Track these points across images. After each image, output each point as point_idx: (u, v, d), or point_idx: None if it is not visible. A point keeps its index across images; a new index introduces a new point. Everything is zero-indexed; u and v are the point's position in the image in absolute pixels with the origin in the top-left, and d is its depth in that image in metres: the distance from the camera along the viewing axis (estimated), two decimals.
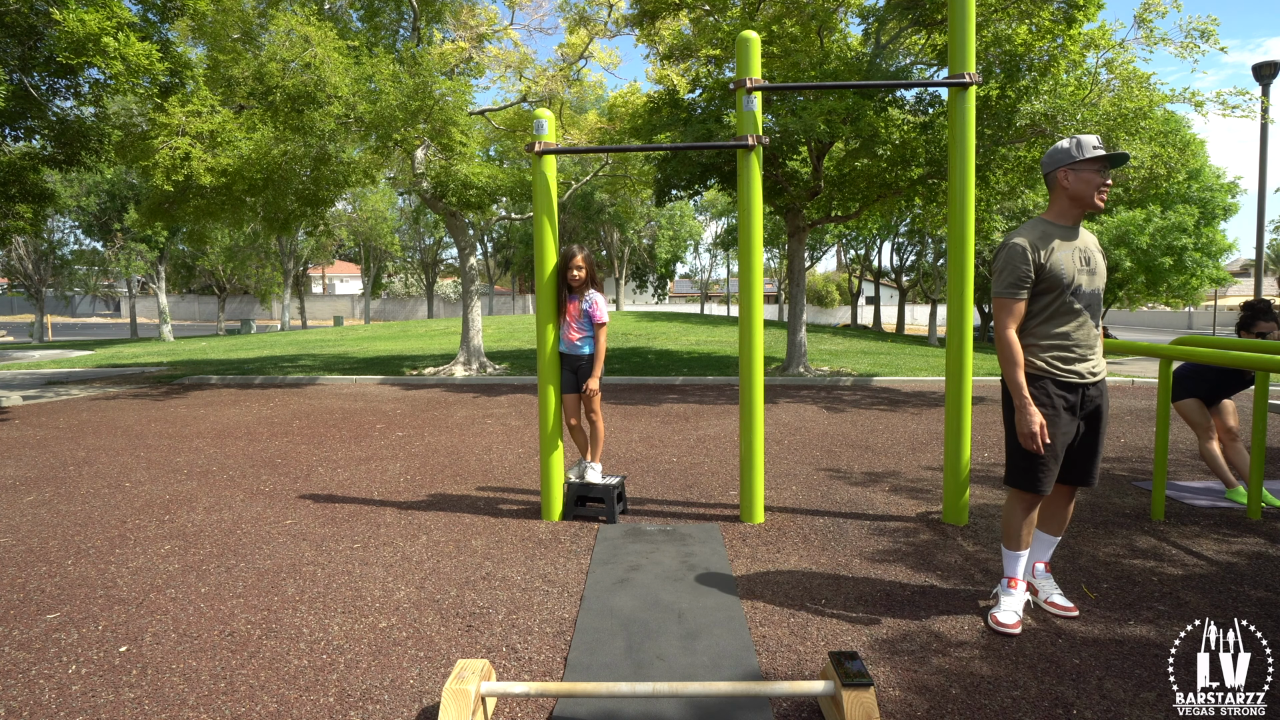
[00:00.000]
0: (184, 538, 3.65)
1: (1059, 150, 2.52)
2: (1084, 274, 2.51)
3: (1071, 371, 2.51)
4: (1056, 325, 2.52)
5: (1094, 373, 2.54)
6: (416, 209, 34.84)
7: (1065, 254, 2.49)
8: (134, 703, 2.17)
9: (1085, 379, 2.52)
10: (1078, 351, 2.52)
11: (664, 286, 45.70)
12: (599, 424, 4.12)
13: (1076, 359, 2.52)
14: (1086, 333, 2.53)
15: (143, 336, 29.05)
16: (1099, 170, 2.46)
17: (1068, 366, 2.51)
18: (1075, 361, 2.52)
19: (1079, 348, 2.52)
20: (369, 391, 9.58)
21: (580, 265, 3.98)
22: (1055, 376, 2.52)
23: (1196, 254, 19.05)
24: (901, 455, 5.50)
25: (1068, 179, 2.50)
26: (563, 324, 4.05)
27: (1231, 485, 4.16)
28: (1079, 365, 2.52)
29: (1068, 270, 2.48)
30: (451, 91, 9.33)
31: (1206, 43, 8.47)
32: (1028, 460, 2.57)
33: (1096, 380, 2.55)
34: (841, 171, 10.50)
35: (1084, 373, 2.52)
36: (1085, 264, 2.52)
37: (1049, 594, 2.73)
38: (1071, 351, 2.51)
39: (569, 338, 4.05)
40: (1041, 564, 2.80)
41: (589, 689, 1.98)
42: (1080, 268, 2.50)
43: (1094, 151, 2.46)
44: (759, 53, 3.74)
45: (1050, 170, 2.55)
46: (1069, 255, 2.50)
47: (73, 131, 8.31)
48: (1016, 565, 2.66)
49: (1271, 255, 45.34)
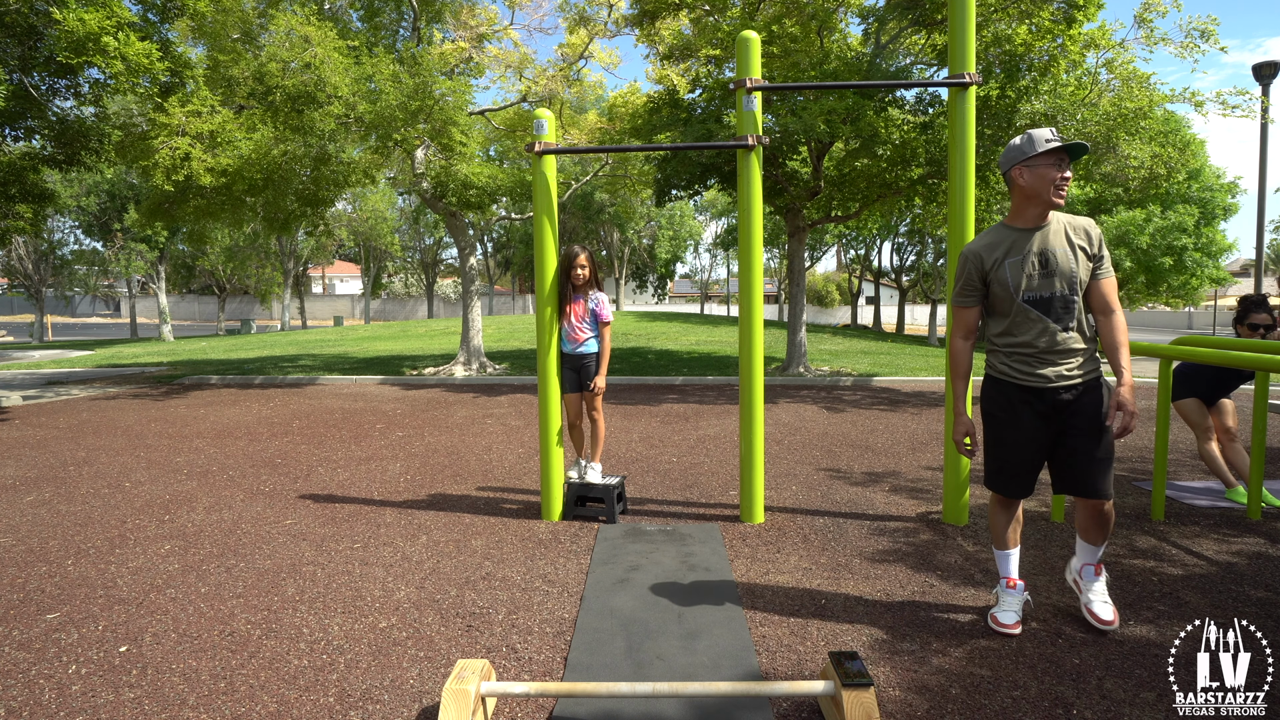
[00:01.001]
0: (184, 538, 3.65)
1: (1012, 147, 2.44)
2: (1038, 277, 2.41)
3: (1036, 375, 2.44)
4: (1015, 333, 2.47)
5: (1065, 376, 2.42)
6: (416, 209, 34.85)
7: (1015, 260, 2.43)
8: (134, 703, 2.17)
9: (1053, 382, 2.43)
10: (1044, 356, 2.43)
11: (664, 286, 45.69)
12: (600, 424, 4.12)
13: (1041, 364, 2.44)
14: (1050, 338, 2.42)
15: (143, 336, 29.06)
16: (1055, 164, 2.36)
17: (1031, 370, 2.45)
18: (1041, 366, 2.44)
19: (1046, 353, 2.43)
20: (369, 391, 9.58)
21: (584, 264, 3.98)
22: (1017, 381, 2.49)
23: (1196, 254, 19.05)
24: (901, 455, 5.50)
25: (1023, 176, 2.40)
26: (566, 325, 4.04)
27: (1231, 485, 4.16)
28: (1045, 369, 2.43)
29: (1013, 278, 2.43)
30: (451, 91, 9.33)
31: (1206, 43, 8.48)
32: (994, 463, 2.61)
33: (1070, 384, 2.43)
34: (841, 171, 10.51)
35: (1051, 376, 2.42)
36: (1041, 266, 2.41)
37: (1090, 600, 2.59)
38: (1034, 357, 2.44)
39: (574, 338, 4.03)
40: (1091, 565, 2.61)
41: (589, 689, 1.98)
42: (1032, 271, 2.41)
43: (1046, 144, 2.34)
44: (759, 53, 3.74)
45: (1006, 169, 2.46)
46: (1018, 261, 2.42)
47: (73, 131, 8.32)
48: (1008, 564, 2.65)
49: (1271, 255, 45.34)
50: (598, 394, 4.03)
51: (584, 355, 4.05)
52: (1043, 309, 2.42)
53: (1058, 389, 2.44)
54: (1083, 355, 2.44)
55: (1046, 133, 2.38)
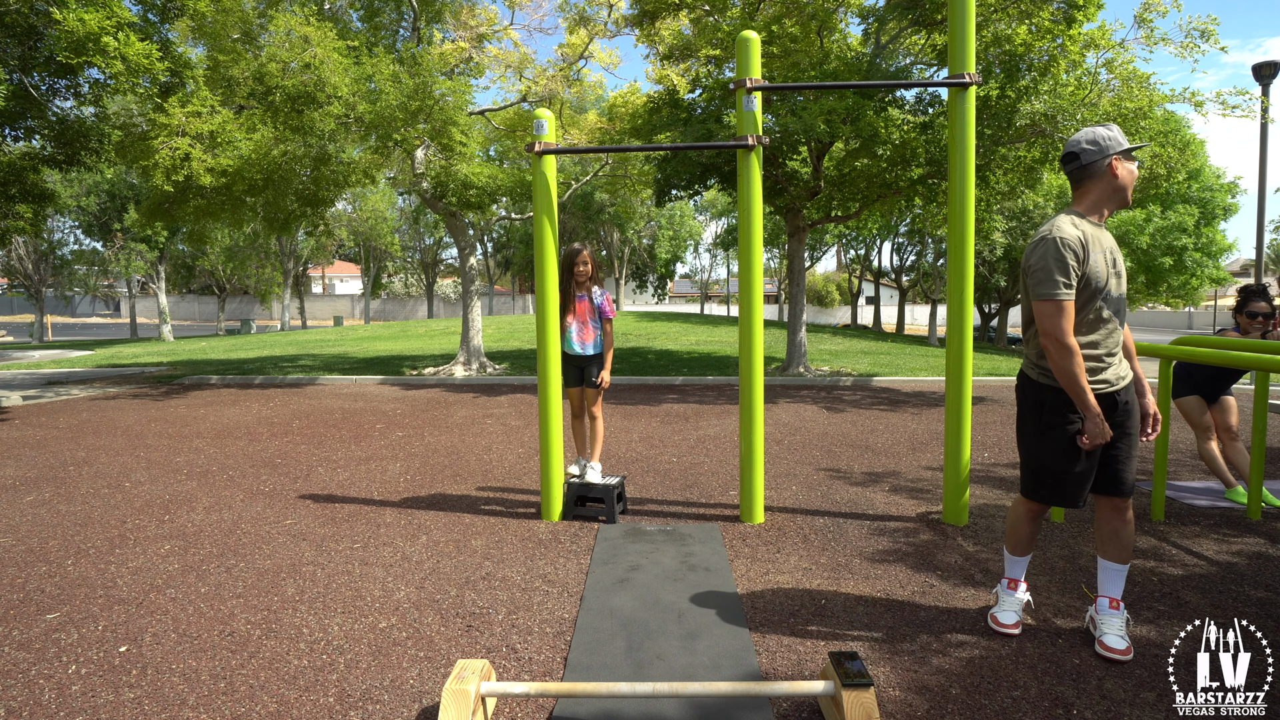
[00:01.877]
0: (184, 538, 3.65)
1: (1105, 137, 2.30)
2: (1114, 276, 2.32)
3: (1100, 381, 2.35)
4: (1087, 333, 2.33)
5: (1121, 377, 2.39)
6: (416, 209, 34.84)
7: (1099, 255, 2.29)
8: (134, 703, 2.17)
9: (1115, 386, 2.37)
10: (1110, 357, 2.36)
11: (664, 286, 45.69)
12: (599, 422, 4.12)
13: (1104, 367, 2.35)
14: (1114, 338, 2.36)
15: (143, 336, 29.06)
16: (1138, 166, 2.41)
17: (1095, 377, 2.34)
18: (1102, 370, 2.35)
19: (1111, 354, 2.36)
20: (369, 391, 9.58)
21: (587, 260, 3.99)
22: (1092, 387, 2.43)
23: (1196, 254, 19.06)
24: (901, 455, 5.50)
25: (1121, 167, 2.30)
26: (572, 324, 4.02)
27: (1230, 485, 4.16)
28: (1106, 373, 2.35)
29: (1100, 274, 2.28)
30: (451, 91, 9.33)
31: (1206, 43, 8.47)
32: (1055, 476, 2.39)
33: (1127, 384, 2.40)
34: (841, 171, 10.50)
35: (1112, 379, 2.36)
36: (1113, 265, 2.33)
37: (1104, 633, 2.41)
38: (1100, 360, 2.35)
39: (582, 338, 4.02)
40: (1107, 599, 2.44)
41: (589, 689, 1.98)
42: (1110, 270, 2.31)
43: (1128, 141, 2.33)
44: (759, 53, 3.74)
45: (1096, 159, 2.31)
46: (1101, 257, 2.30)
47: (73, 131, 8.31)
48: (1018, 569, 2.64)
49: (1271, 255, 45.33)
50: (602, 389, 4.03)
51: (587, 355, 4.05)
52: (1115, 309, 2.35)
53: (1118, 390, 2.38)
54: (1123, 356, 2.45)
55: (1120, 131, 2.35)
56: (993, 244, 20.09)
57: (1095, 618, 2.47)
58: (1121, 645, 2.36)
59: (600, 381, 4.01)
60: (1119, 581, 2.45)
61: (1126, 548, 2.43)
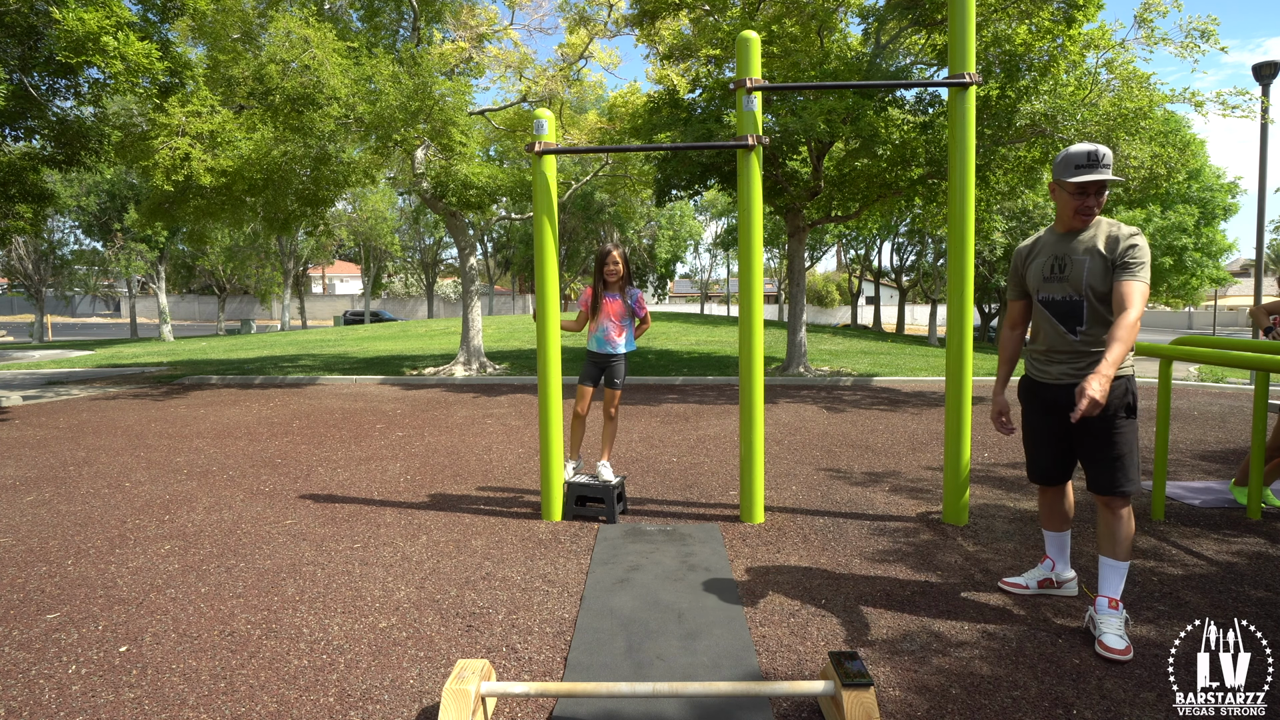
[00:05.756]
0: (184, 538, 3.65)
1: (1056, 160, 2.49)
2: (1052, 282, 2.52)
3: (1044, 372, 2.61)
4: (1035, 330, 2.68)
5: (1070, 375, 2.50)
6: (416, 209, 34.83)
7: (1039, 262, 2.58)
8: (134, 703, 2.17)
9: (1057, 381, 2.55)
10: (1050, 355, 2.58)
11: (664, 286, 45.70)
12: (615, 423, 4.13)
13: (1048, 362, 2.59)
14: (1059, 339, 2.53)
15: (143, 336, 29.06)
16: (1073, 193, 2.41)
17: (1040, 369, 2.63)
18: (1046, 365, 2.60)
19: (1051, 351, 2.57)
20: (369, 391, 9.58)
21: (617, 260, 3.96)
22: (1032, 377, 2.68)
23: (1196, 254, 19.06)
24: (901, 455, 5.50)
25: (1055, 193, 2.53)
26: (600, 324, 4.00)
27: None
28: (1050, 368, 2.58)
29: (1033, 279, 2.60)
30: (451, 92, 9.33)
31: (1206, 43, 8.47)
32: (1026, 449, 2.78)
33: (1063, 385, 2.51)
34: (841, 171, 10.50)
35: (1056, 375, 2.56)
36: (1057, 270, 2.50)
37: (1104, 633, 2.42)
38: (1042, 355, 2.62)
39: (610, 338, 3.98)
40: (1106, 599, 2.47)
41: (589, 689, 1.98)
42: (1048, 275, 2.53)
43: (1073, 174, 2.39)
44: (759, 53, 3.74)
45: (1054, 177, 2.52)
46: (1041, 264, 2.57)
47: (73, 131, 8.31)
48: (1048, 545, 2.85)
49: (1271, 255, 45.32)
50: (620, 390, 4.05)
51: (615, 356, 4.03)
52: (1056, 310, 2.53)
53: (1058, 387, 2.56)
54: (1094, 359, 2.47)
55: (1080, 157, 2.38)
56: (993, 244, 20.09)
57: (1095, 617, 2.49)
58: (1121, 645, 2.36)
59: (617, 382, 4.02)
60: (1118, 581, 2.48)
61: (1121, 544, 2.49)
